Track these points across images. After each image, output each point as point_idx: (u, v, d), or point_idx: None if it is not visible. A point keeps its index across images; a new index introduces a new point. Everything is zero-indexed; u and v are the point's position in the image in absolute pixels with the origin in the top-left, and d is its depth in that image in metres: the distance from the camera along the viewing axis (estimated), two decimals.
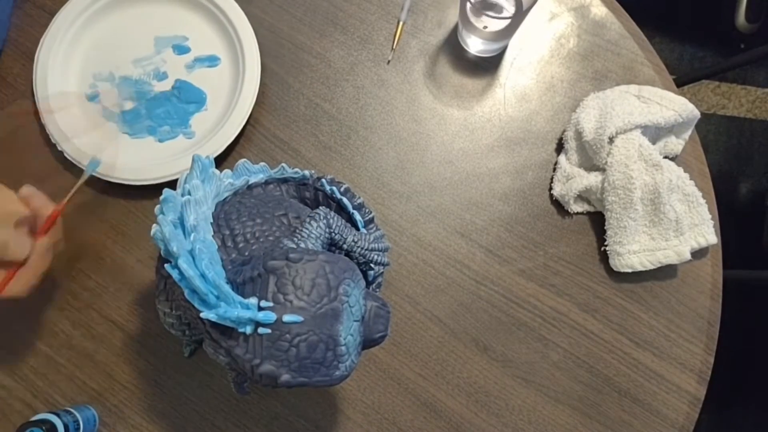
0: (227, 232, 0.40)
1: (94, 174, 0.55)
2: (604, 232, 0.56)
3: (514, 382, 0.55)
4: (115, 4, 0.61)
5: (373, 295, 0.37)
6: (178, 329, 0.49)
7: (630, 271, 0.54)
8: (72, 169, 0.56)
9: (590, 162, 0.57)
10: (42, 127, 0.57)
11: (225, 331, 0.35)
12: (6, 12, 0.61)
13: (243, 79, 0.58)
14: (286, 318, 0.32)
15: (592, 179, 0.55)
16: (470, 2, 0.52)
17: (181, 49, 0.61)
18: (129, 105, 0.60)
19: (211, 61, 0.61)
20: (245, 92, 0.58)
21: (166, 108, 0.59)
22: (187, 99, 0.60)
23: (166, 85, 0.60)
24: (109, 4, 0.61)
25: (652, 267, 0.54)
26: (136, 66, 0.61)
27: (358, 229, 0.48)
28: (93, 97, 0.60)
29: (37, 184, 0.48)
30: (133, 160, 0.58)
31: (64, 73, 0.59)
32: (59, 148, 0.56)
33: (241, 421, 0.54)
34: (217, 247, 0.38)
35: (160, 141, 0.59)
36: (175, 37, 0.61)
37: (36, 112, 0.53)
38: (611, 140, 0.54)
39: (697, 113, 0.56)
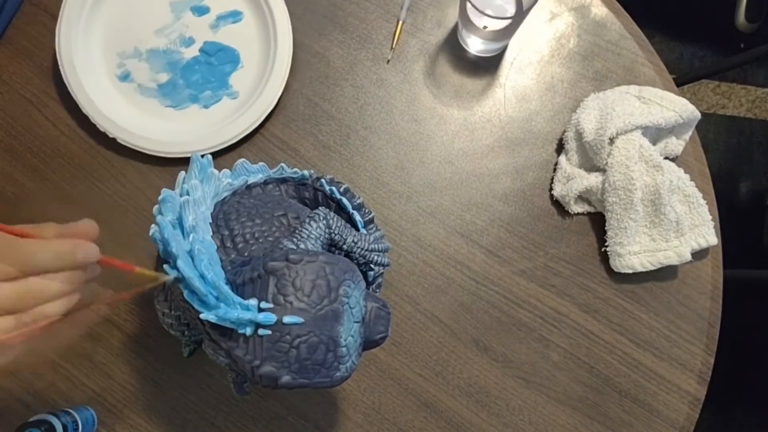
0: (226, 233, 0.40)
1: (142, 150, 0.55)
2: (605, 232, 0.56)
3: (515, 382, 0.55)
4: None
5: (373, 296, 0.37)
6: (177, 329, 0.49)
7: (630, 271, 0.54)
8: None
9: (591, 163, 0.56)
10: None
11: (225, 332, 0.34)
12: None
13: (274, 26, 0.57)
14: (287, 319, 0.32)
15: (593, 180, 0.55)
16: (470, 2, 0.52)
17: (200, 10, 0.59)
18: (164, 77, 0.59)
19: (234, 16, 0.59)
20: (281, 40, 0.57)
21: (201, 73, 0.58)
22: (220, 60, 0.59)
23: (195, 50, 0.59)
24: None
25: (653, 268, 0.54)
26: (160, 36, 0.59)
27: (357, 229, 0.48)
28: (125, 77, 0.59)
29: None
30: (183, 131, 0.57)
31: (89, 59, 0.58)
32: None
33: (241, 421, 0.54)
34: (216, 247, 0.38)
35: (206, 107, 0.58)
36: None
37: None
38: (612, 141, 0.54)
39: (697, 114, 0.55)
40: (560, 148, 0.59)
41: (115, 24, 0.59)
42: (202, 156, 0.42)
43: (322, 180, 0.49)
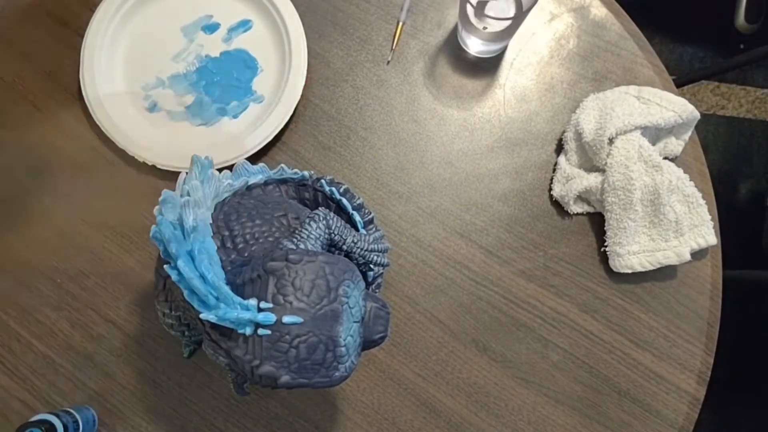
0: (227, 233, 0.40)
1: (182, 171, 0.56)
2: (604, 232, 0.56)
3: (514, 382, 0.55)
4: (129, 15, 0.61)
5: (372, 296, 0.37)
6: (177, 330, 0.49)
7: (630, 271, 0.54)
8: None
9: (590, 163, 0.57)
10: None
11: (225, 332, 0.35)
12: None
13: (285, 27, 0.59)
14: (286, 319, 0.32)
15: (592, 180, 0.55)
16: (470, 3, 0.52)
17: (210, 28, 0.61)
18: (189, 99, 0.60)
19: (244, 25, 0.61)
20: (293, 37, 0.59)
21: (223, 86, 0.60)
22: (240, 68, 0.60)
23: (214, 64, 0.61)
24: (124, 17, 0.60)
25: (652, 268, 0.54)
26: (177, 61, 0.61)
27: (357, 230, 0.48)
28: (152, 107, 0.60)
29: None
30: (215, 143, 0.58)
31: (116, 98, 0.59)
32: None
33: (241, 421, 0.54)
34: (216, 248, 0.38)
35: (235, 117, 0.59)
36: (199, 20, 0.61)
37: None
38: (611, 141, 0.54)
39: (696, 114, 0.56)
40: (560, 148, 0.59)
41: (133, 60, 0.61)
42: (204, 157, 0.42)
43: (322, 180, 0.49)
